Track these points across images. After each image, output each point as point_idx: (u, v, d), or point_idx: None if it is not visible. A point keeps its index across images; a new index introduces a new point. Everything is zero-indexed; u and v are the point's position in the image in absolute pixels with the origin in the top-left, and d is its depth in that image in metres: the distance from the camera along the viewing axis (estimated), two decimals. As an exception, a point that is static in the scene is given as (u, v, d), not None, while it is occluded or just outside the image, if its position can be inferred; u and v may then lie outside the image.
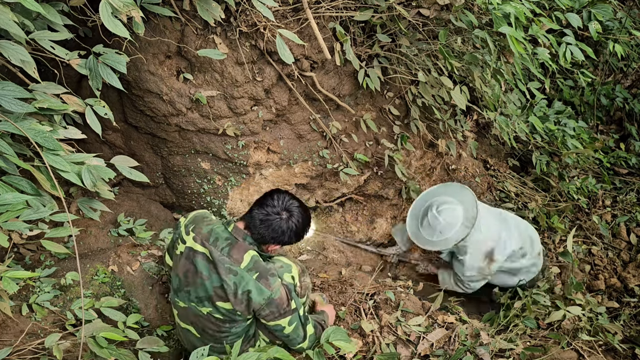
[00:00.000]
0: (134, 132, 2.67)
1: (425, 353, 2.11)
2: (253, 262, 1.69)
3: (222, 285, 1.68)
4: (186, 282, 1.78)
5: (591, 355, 2.24)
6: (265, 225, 1.72)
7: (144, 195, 2.87)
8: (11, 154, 1.53)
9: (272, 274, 1.71)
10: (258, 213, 1.73)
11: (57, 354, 1.70)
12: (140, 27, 1.89)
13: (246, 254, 1.70)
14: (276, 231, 1.73)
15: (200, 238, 1.75)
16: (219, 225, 1.78)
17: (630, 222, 3.77)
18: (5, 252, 1.99)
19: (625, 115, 4.40)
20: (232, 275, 1.67)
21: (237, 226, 1.76)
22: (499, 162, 4.01)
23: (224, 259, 1.68)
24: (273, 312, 1.72)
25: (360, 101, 3.02)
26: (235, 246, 1.71)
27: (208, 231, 1.75)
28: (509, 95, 3.40)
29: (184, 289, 1.79)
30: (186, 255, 1.78)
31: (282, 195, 1.78)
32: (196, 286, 1.74)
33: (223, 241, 1.72)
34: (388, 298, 2.38)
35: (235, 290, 1.67)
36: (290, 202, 1.77)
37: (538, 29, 2.48)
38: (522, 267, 2.83)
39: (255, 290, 1.66)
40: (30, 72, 1.61)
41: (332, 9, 2.52)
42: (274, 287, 1.69)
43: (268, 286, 1.68)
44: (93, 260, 2.32)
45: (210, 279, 1.70)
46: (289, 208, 1.76)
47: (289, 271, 1.96)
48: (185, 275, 1.78)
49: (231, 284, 1.67)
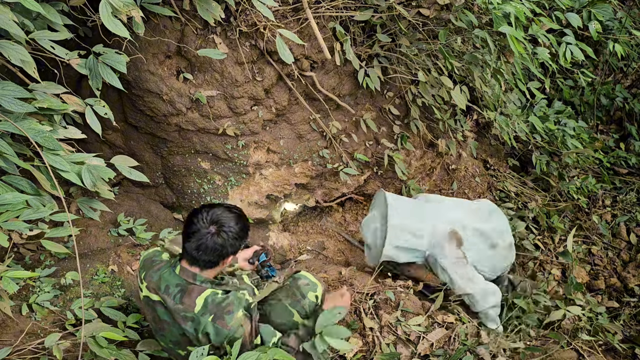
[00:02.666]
0: (134, 132, 2.67)
1: (425, 353, 2.11)
2: (207, 305, 1.62)
3: (184, 332, 1.65)
4: (157, 327, 1.74)
5: (591, 355, 2.24)
6: (203, 250, 1.60)
7: (144, 195, 2.87)
8: (11, 154, 1.53)
9: (227, 311, 1.62)
10: (189, 245, 1.61)
11: (57, 354, 1.70)
12: (140, 27, 1.89)
13: (198, 298, 1.62)
14: (216, 249, 1.61)
15: (152, 287, 1.69)
16: (166, 269, 1.69)
17: (630, 222, 3.77)
18: (5, 252, 1.99)
19: (625, 115, 4.40)
20: (190, 322, 1.62)
21: (183, 267, 1.66)
22: (499, 162, 4.01)
23: (178, 307, 1.63)
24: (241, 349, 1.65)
25: (360, 101, 3.02)
26: (187, 291, 1.63)
27: (157, 279, 1.68)
28: (509, 95, 3.41)
29: (159, 332, 1.76)
30: (146, 303, 1.73)
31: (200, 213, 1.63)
32: (166, 331, 1.71)
33: (174, 288, 1.65)
34: (388, 298, 2.38)
35: (196, 335, 1.62)
36: (211, 214, 1.63)
37: (538, 28, 2.48)
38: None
39: (212, 331, 1.61)
40: (30, 72, 1.61)
41: (332, 9, 2.52)
42: (231, 325, 1.62)
43: (225, 326, 1.61)
44: (93, 260, 2.32)
45: (173, 326, 1.67)
46: (213, 220, 1.62)
47: (313, 290, 1.95)
48: (154, 322, 1.74)
49: (191, 330, 1.63)
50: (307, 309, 1.92)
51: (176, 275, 1.67)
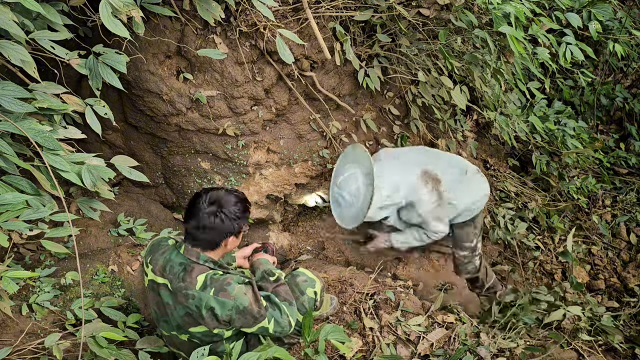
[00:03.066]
0: (134, 132, 2.67)
1: (425, 353, 2.11)
2: (207, 281, 1.66)
3: (187, 312, 1.67)
4: (160, 313, 1.76)
5: (591, 355, 2.24)
6: (202, 229, 1.66)
7: (144, 195, 2.87)
8: (11, 154, 1.53)
9: (227, 283, 1.66)
10: (191, 225, 1.67)
11: (57, 354, 1.70)
12: (140, 27, 1.89)
13: (199, 276, 1.66)
14: (216, 228, 1.66)
15: (158, 269, 1.72)
16: (172, 251, 1.74)
17: (630, 222, 3.77)
18: (5, 252, 1.99)
19: (625, 115, 4.40)
20: (191, 300, 1.64)
21: (187, 248, 1.71)
22: (499, 162, 4.02)
23: (180, 285, 1.66)
24: (248, 319, 1.68)
25: (360, 101, 3.02)
26: (189, 270, 1.67)
27: (163, 260, 1.72)
28: (509, 95, 3.41)
29: (161, 319, 1.77)
30: (151, 288, 1.76)
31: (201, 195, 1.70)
32: (169, 316, 1.73)
33: (177, 267, 1.68)
34: (388, 298, 2.38)
35: (199, 311, 1.64)
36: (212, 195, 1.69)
37: (538, 28, 2.48)
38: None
39: (217, 305, 1.63)
40: (30, 72, 1.61)
41: (332, 9, 2.52)
42: (234, 294, 1.64)
43: (228, 297, 1.63)
44: (93, 260, 2.32)
45: (176, 308, 1.69)
46: (214, 200, 1.68)
47: (312, 286, 1.95)
48: (158, 307, 1.76)
49: (194, 308, 1.65)
50: (306, 305, 1.92)
51: (180, 254, 1.72)
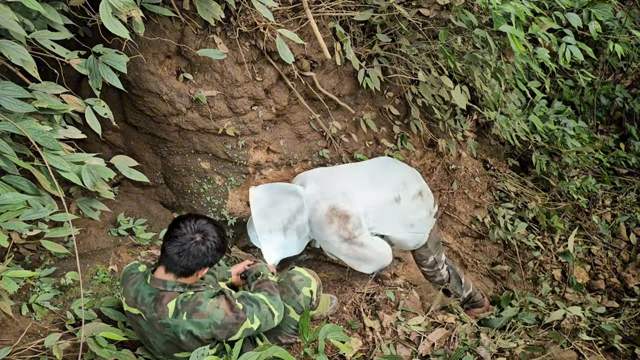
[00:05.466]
0: (134, 132, 2.67)
1: (426, 353, 2.11)
2: (177, 306, 1.64)
3: (167, 340, 1.67)
4: (144, 340, 1.76)
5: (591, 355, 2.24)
6: (185, 256, 1.63)
7: (144, 195, 2.87)
8: (11, 154, 1.53)
9: (198, 302, 1.65)
10: (171, 248, 1.64)
11: (57, 354, 1.70)
12: (140, 27, 1.89)
13: (169, 303, 1.65)
14: (197, 256, 1.65)
15: (130, 301, 1.72)
16: (141, 281, 1.73)
17: (630, 222, 3.77)
18: (5, 252, 1.99)
19: (625, 115, 4.40)
20: (167, 328, 1.64)
21: (154, 277, 1.69)
22: (499, 162, 4.01)
23: (154, 316, 1.65)
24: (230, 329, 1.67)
25: (360, 101, 3.02)
26: (159, 299, 1.66)
27: (134, 292, 1.71)
28: (509, 94, 3.40)
29: (147, 345, 1.78)
30: (130, 317, 1.76)
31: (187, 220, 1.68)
32: (152, 344, 1.72)
33: (147, 297, 1.67)
34: (388, 298, 2.38)
35: (178, 337, 1.64)
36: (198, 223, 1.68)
37: (538, 28, 2.48)
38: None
39: (193, 327, 1.62)
40: (30, 72, 1.61)
41: (332, 9, 2.52)
42: (207, 311, 1.63)
43: (202, 316, 1.63)
44: (93, 260, 2.32)
45: (156, 337, 1.68)
46: (200, 229, 1.67)
47: (308, 285, 1.95)
48: (140, 335, 1.76)
49: (172, 335, 1.64)
50: (302, 304, 1.92)
51: (147, 284, 1.70)
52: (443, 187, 3.58)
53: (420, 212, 2.37)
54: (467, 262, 3.63)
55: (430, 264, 2.61)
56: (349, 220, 2.16)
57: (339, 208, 2.16)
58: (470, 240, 3.71)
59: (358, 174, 2.36)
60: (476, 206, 3.68)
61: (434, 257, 2.59)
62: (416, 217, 2.35)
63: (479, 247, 3.69)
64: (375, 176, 2.35)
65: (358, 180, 2.31)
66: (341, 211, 2.16)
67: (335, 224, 2.16)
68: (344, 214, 2.16)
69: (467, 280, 2.83)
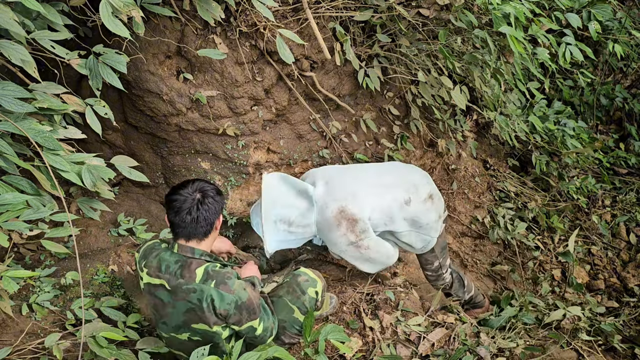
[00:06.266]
0: (134, 132, 2.67)
1: (425, 353, 2.11)
2: (207, 274, 1.67)
3: (189, 307, 1.68)
4: (159, 315, 1.77)
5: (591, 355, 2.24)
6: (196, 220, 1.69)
7: (144, 195, 2.87)
8: (11, 154, 1.53)
9: (228, 277, 1.68)
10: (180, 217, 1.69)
11: (57, 354, 1.70)
12: (140, 27, 1.89)
13: (198, 269, 1.68)
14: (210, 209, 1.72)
15: (153, 271, 1.73)
16: (166, 251, 1.76)
17: (630, 222, 3.77)
18: (5, 251, 1.99)
19: (625, 115, 4.41)
20: (193, 294, 1.65)
21: (180, 244, 1.74)
22: (499, 162, 4.02)
23: (180, 282, 1.67)
24: (243, 315, 1.69)
25: (360, 101, 3.02)
26: (186, 266, 1.69)
27: (157, 262, 1.73)
28: (509, 95, 3.41)
29: (160, 320, 1.78)
30: (147, 291, 1.77)
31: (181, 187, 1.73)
32: (168, 317, 1.73)
33: (174, 265, 1.70)
34: (388, 298, 2.38)
35: (200, 304, 1.65)
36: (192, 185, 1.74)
37: (538, 28, 2.48)
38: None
39: (217, 297, 1.64)
40: (30, 72, 1.61)
41: (332, 9, 2.52)
42: (235, 288, 1.67)
43: (229, 290, 1.65)
44: (93, 260, 2.32)
45: (176, 306, 1.69)
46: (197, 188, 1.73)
47: (313, 286, 1.97)
48: (156, 309, 1.77)
49: (195, 301, 1.66)
50: (307, 304, 1.92)
51: (174, 253, 1.73)
52: (443, 187, 3.58)
53: (430, 215, 2.34)
54: (467, 262, 3.63)
55: (434, 269, 2.60)
56: (357, 224, 2.15)
57: (347, 210, 2.14)
58: (470, 240, 3.71)
59: (368, 175, 2.33)
60: (476, 206, 3.68)
61: (440, 261, 2.58)
62: (425, 220, 2.32)
63: (479, 247, 3.69)
64: (385, 178, 2.33)
65: (368, 181, 2.29)
66: (349, 214, 2.14)
67: (343, 227, 2.15)
68: (352, 217, 2.14)
69: (469, 283, 2.83)
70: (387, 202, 2.23)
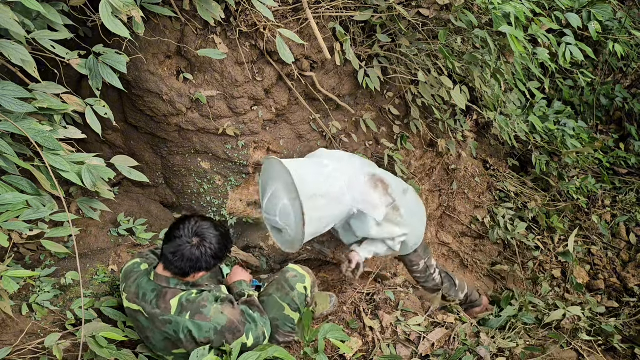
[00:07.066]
0: (134, 132, 2.67)
1: (425, 353, 2.11)
2: (181, 306, 1.65)
3: (166, 337, 1.67)
4: (143, 338, 1.77)
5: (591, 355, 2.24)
6: (179, 257, 1.63)
7: (144, 195, 2.87)
8: (11, 154, 1.53)
9: (203, 305, 1.65)
10: (168, 247, 1.64)
11: (57, 354, 1.70)
12: (140, 27, 1.89)
13: (172, 300, 1.66)
14: (191, 259, 1.64)
15: (131, 297, 1.72)
16: (143, 277, 1.73)
17: (630, 222, 3.77)
18: (5, 251, 1.99)
19: (625, 115, 4.41)
20: (169, 325, 1.64)
21: (157, 273, 1.70)
22: (499, 162, 4.02)
23: (156, 312, 1.66)
24: (227, 337, 1.67)
25: (360, 101, 3.02)
26: (161, 295, 1.67)
27: (135, 288, 1.72)
28: (509, 95, 3.41)
29: (146, 342, 1.78)
30: (129, 314, 1.77)
31: (188, 221, 1.67)
32: (150, 340, 1.73)
33: (150, 294, 1.68)
34: (388, 298, 2.38)
35: (177, 336, 1.64)
36: (199, 226, 1.67)
37: (538, 28, 2.48)
38: None
39: (194, 328, 1.63)
40: (30, 72, 1.61)
41: (332, 9, 2.52)
42: (211, 316, 1.64)
43: (205, 319, 1.63)
44: (93, 260, 2.32)
45: (155, 333, 1.69)
46: (198, 232, 1.66)
47: (302, 281, 1.94)
48: (139, 331, 1.77)
49: (172, 332, 1.65)
50: (297, 301, 1.89)
51: (151, 281, 1.71)
52: (443, 187, 3.58)
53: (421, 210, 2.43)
54: (467, 262, 3.63)
55: (422, 270, 2.63)
56: (389, 187, 2.18)
57: (377, 175, 2.16)
58: (470, 240, 3.71)
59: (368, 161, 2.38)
60: (476, 206, 3.68)
61: (425, 262, 2.60)
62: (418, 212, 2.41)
63: (479, 247, 3.70)
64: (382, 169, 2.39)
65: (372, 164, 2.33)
66: (380, 177, 2.16)
67: (380, 189, 2.15)
68: (384, 181, 2.17)
69: (461, 282, 2.83)
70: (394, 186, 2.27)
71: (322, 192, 2.00)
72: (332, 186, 2.05)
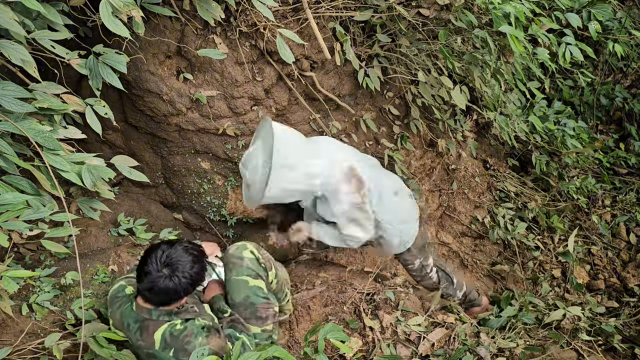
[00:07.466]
0: (134, 132, 2.67)
1: (425, 353, 2.11)
2: (165, 339, 1.62)
3: None
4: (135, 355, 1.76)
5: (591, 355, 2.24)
6: (155, 292, 1.58)
7: (144, 195, 2.87)
8: (11, 154, 1.53)
9: (187, 341, 1.61)
10: (142, 285, 1.59)
11: (57, 354, 1.70)
12: (141, 27, 1.89)
13: (156, 333, 1.62)
14: (167, 292, 1.59)
15: (117, 324, 1.71)
16: (127, 305, 1.70)
17: (630, 222, 3.77)
18: (5, 251, 1.99)
19: (625, 115, 4.40)
20: (154, 358, 1.63)
21: (138, 304, 1.66)
22: (499, 162, 4.02)
23: (140, 344, 1.64)
24: None
25: (360, 101, 3.02)
26: (144, 327, 1.64)
27: (120, 316, 1.70)
28: (509, 95, 3.41)
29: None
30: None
31: (155, 253, 1.60)
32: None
33: (134, 325, 1.66)
34: (388, 298, 2.38)
35: None
36: (167, 255, 1.60)
37: (538, 28, 2.48)
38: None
39: None
40: (30, 72, 1.61)
41: (332, 9, 2.52)
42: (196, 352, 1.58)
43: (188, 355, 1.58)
44: (93, 260, 2.32)
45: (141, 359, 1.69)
46: (168, 263, 1.58)
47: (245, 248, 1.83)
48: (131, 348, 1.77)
49: None
50: (252, 266, 1.82)
51: (133, 311, 1.68)
52: (443, 187, 3.58)
53: (412, 212, 2.44)
54: (467, 262, 3.63)
55: (417, 269, 2.64)
56: (364, 187, 2.15)
57: (357, 170, 2.14)
58: (470, 240, 3.71)
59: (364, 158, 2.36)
60: (476, 206, 3.68)
61: (420, 261, 2.61)
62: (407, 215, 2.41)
63: (479, 247, 3.69)
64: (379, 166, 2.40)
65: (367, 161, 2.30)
66: (359, 174, 2.14)
67: (353, 185, 2.12)
68: (360, 179, 2.14)
69: (459, 280, 2.83)
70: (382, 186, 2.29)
71: (295, 165, 2.02)
72: (308, 166, 2.05)
